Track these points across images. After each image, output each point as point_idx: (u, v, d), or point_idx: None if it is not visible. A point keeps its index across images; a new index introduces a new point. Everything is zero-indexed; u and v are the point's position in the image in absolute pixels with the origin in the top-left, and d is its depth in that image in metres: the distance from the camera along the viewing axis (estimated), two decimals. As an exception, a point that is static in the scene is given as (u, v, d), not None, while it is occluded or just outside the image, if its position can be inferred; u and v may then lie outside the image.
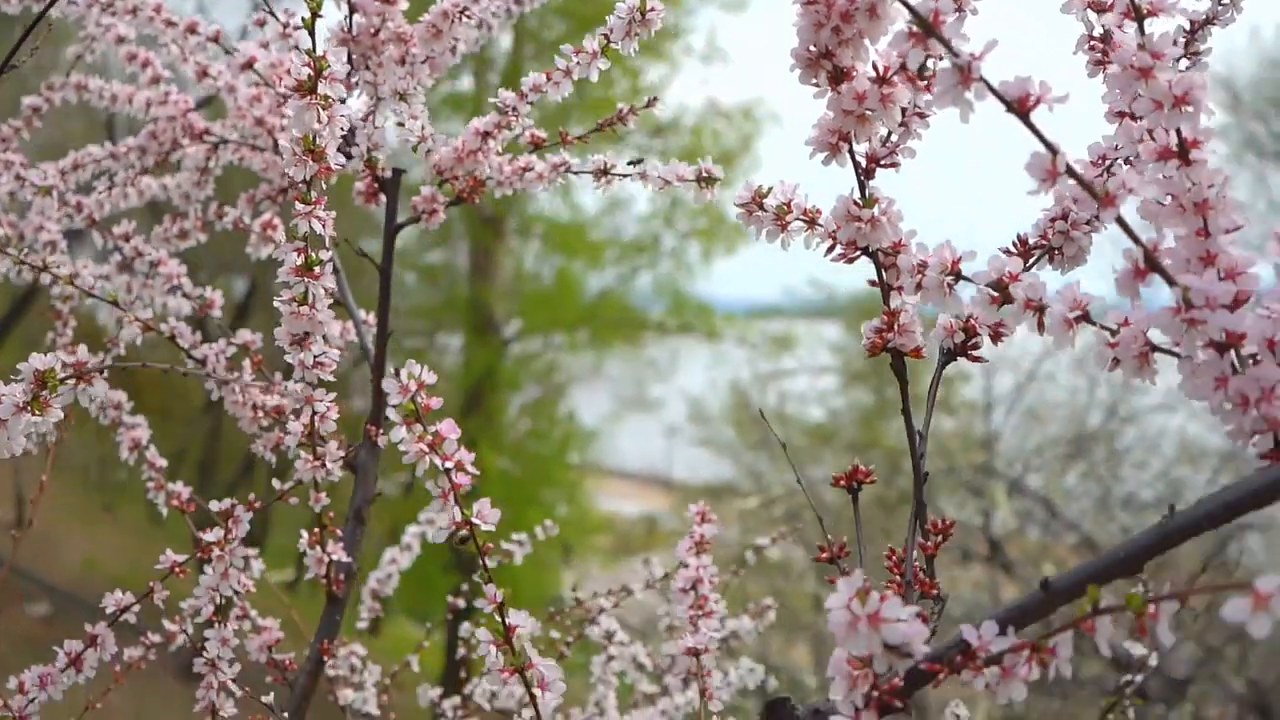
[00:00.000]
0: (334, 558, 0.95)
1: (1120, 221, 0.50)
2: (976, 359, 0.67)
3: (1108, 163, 0.67)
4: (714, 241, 11.19)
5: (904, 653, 0.50)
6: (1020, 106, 0.50)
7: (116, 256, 1.22)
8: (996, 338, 0.66)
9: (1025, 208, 0.64)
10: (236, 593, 0.96)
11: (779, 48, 0.67)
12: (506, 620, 0.63)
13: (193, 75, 1.14)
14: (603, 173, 0.95)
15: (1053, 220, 0.67)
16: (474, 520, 0.61)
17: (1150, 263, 0.51)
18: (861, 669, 0.52)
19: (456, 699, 1.36)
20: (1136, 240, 0.51)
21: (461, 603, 1.45)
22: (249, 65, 1.04)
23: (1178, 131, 0.52)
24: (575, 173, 0.97)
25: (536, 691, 0.63)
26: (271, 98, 1.09)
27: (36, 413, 0.67)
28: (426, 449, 0.60)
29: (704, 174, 0.82)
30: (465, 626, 1.30)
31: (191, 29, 1.09)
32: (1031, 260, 0.67)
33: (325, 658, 0.97)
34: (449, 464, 0.60)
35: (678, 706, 1.27)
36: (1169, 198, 0.53)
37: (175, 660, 1.16)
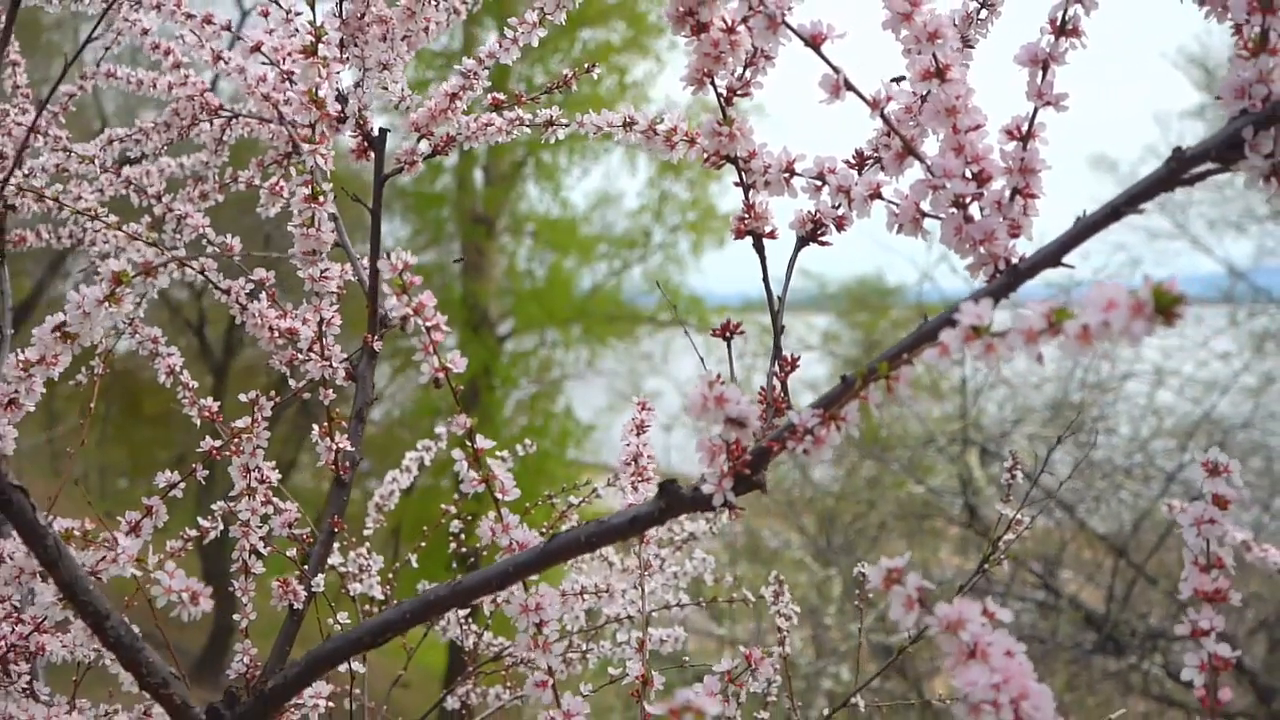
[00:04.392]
0: (341, 447, 1.17)
1: (885, 120, 0.72)
2: (824, 244, 0.88)
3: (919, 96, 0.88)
4: (704, 234, 11.41)
5: (741, 424, 0.71)
6: (814, 41, 0.72)
7: (146, 218, 1.44)
8: (840, 227, 0.87)
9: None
10: (260, 480, 1.18)
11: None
12: (476, 444, 0.85)
13: (208, 60, 1.35)
14: (549, 124, 1.16)
15: (881, 135, 0.88)
16: (449, 365, 0.83)
17: (908, 149, 0.72)
18: (719, 447, 0.73)
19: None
20: (897, 133, 0.72)
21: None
22: (257, 48, 1.25)
23: (934, 57, 0.74)
24: (529, 125, 1.18)
25: (499, 495, 0.84)
26: (276, 76, 1.30)
27: (113, 305, 0.88)
28: (412, 312, 0.81)
29: (628, 120, 1.03)
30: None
31: (207, 20, 1.30)
32: (866, 167, 0.89)
33: (336, 530, 1.19)
34: (429, 323, 0.82)
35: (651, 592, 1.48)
36: (930, 105, 0.74)
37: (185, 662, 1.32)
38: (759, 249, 0.85)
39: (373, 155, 1.21)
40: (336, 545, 1.53)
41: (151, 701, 1.18)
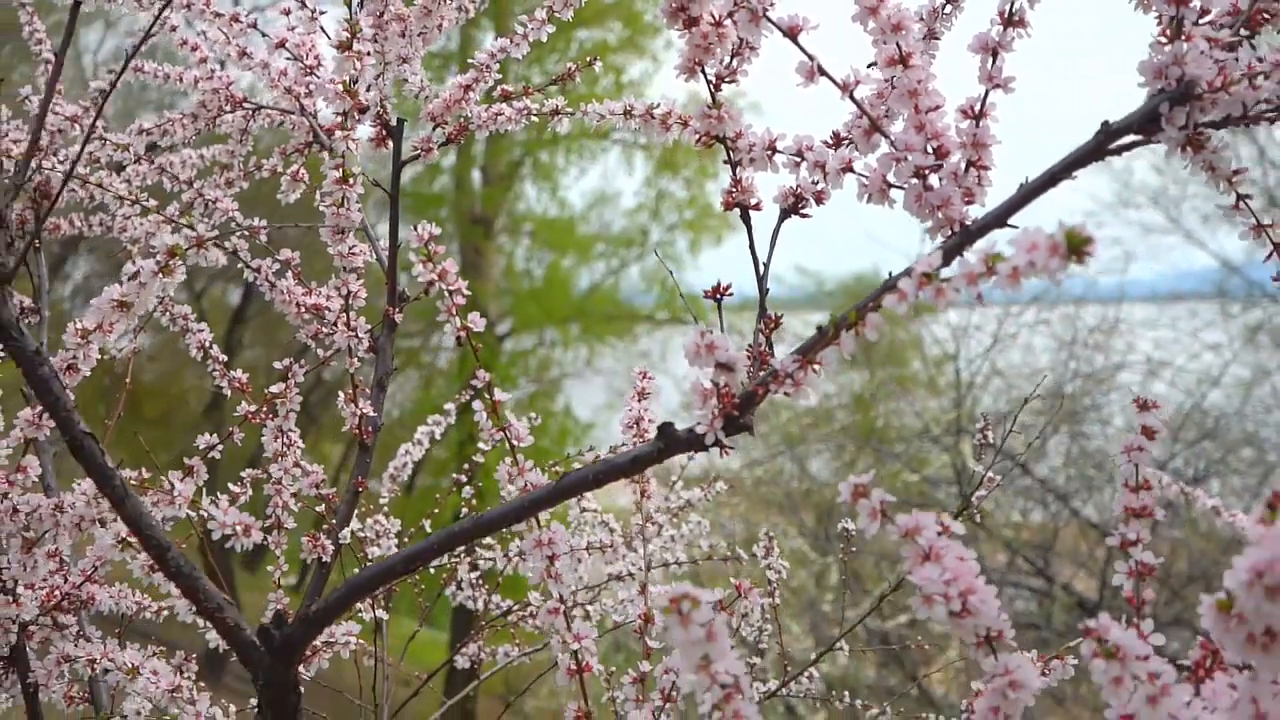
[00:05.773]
0: (364, 412, 1.26)
1: (856, 103, 0.82)
2: (805, 216, 0.98)
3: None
4: (701, 233, 11.52)
5: (730, 368, 0.81)
6: (792, 32, 0.81)
7: (174, 205, 1.53)
8: (819, 200, 0.97)
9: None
10: (289, 444, 1.27)
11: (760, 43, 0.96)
12: (494, 396, 0.95)
13: (234, 55, 1.45)
14: (555, 112, 1.26)
15: (854, 118, 0.98)
16: (469, 325, 0.93)
17: (874, 126, 0.82)
18: (710, 391, 0.83)
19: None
20: (865, 112, 0.82)
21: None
22: (281, 44, 1.35)
23: (898, 46, 0.84)
24: (534, 116, 1.28)
25: (514, 441, 0.94)
26: (297, 70, 1.40)
27: (166, 275, 0.97)
28: (437, 278, 0.91)
29: (628, 108, 1.13)
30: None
31: (235, 19, 1.40)
32: (842, 147, 0.98)
33: (359, 490, 1.28)
34: (451, 288, 0.91)
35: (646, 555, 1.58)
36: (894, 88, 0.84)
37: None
38: (746, 219, 0.95)
39: (391, 143, 1.31)
40: (355, 512, 1.63)
41: (192, 648, 1.28)
